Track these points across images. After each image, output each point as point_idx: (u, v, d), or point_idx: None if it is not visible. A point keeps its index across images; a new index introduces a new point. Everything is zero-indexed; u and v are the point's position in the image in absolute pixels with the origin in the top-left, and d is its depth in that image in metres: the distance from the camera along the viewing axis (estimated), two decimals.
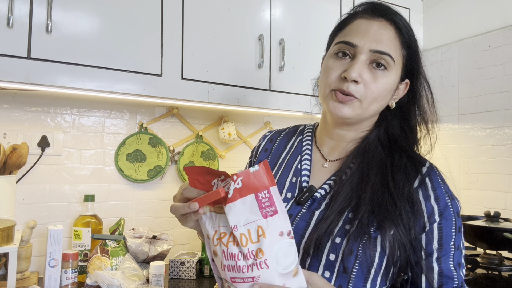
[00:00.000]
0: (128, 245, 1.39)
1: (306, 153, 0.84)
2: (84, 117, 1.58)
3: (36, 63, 1.16)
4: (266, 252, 0.58)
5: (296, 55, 1.64)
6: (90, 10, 1.24)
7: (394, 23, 0.76)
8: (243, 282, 0.59)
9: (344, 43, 0.76)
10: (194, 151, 1.78)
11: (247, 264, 0.58)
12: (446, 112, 1.98)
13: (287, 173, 0.83)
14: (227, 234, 0.60)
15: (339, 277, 0.70)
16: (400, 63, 0.77)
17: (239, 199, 0.59)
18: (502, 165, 1.74)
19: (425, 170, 0.75)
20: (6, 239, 1.14)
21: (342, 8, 1.77)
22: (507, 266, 1.42)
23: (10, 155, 1.34)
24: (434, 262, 0.71)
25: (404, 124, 0.81)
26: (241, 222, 0.59)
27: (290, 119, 2.03)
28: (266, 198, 0.59)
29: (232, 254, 0.59)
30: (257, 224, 0.59)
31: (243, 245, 0.58)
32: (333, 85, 0.75)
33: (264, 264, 0.58)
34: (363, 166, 0.75)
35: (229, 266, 0.59)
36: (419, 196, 0.72)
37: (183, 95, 1.40)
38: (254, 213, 0.59)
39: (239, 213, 0.59)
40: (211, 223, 0.63)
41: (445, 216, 0.71)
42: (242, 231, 0.59)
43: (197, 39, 1.42)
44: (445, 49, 2.00)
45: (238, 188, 0.59)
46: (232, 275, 0.60)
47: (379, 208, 0.70)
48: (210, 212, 0.63)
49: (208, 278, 1.51)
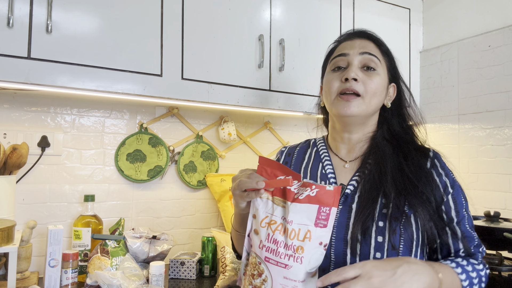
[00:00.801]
0: (128, 245, 1.39)
1: (326, 159, 0.97)
2: (84, 117, 1.58)
3: (36, 63, 1.16)
4: (306, 251, 0.70)
5: (296, 55, 1.64)
6: (90, 10, 1.24)
7: (371, 39, 0.94)
8: (275, 265, 0.71)
9: (337, 56, 0.93)
10: (194, 151, 1.78)
11: (286, 253, 0.70)
12: (446, 112, 1.99)
13: (314, 180, 0.95)
14: (277, 223, 0.73)
15: (389, 255, 0.81)
16: (384, 66, 0.93)
17: (307, 203, 0.72)
18: (502, 165, 1.74)
19: (432, 154, 0.90)
20: (6, 239, 1.15)
21: (342, 8, 1.77)
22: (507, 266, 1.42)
23: (10, 155, 1.34)
24: (456, 227, 0.85)
25: (402, 123, 0.96)
26: (297, 220, 0.71)
27: (290, 119, 2.03)
28: (325, 214, 0.72)
29: (276, 240, 0.72)
30: (308, 228, 0.71)
31: (290, 238, 0.71)
32: (337, 90, 0.90)
33: (300, 260, 0.70)
34: (380, 161, 0.88)
35: (269, 248, 0.72)
36: (433, 174, 0.87)
37: (183, 95, 1.40)
38: (310, 219, 0.71)
39: (299, 213, 0.71)
40: (264, 208, 0.75)
41: (456, 188, 0.87)
42: (294, 227, 0.71)
43: (197, 39, 1.42)
44: (445, 49, 2.00)
45: (311, 195, 0.72)
46: (268, 255, 0.72)
47: (404, 190, 0.83)
48: (267, 199, 0.76)
49: (208, 278, 1.51)
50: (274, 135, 2.00)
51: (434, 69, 2.04)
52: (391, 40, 1.93)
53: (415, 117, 0.99)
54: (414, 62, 2.08)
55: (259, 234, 0.74)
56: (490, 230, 1.39)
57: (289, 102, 1.62)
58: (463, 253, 0.86)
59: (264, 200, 0.76)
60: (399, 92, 0.97)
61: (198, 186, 1.79)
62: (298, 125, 2.07)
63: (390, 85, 0.95)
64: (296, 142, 1.09)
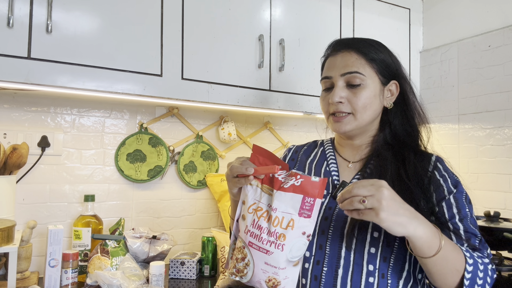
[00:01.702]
0: (128, 245, 1.39)
1: (331, 158, 1.01)
2: (84, 117, 1.58)
3: (36, 63, 1.16)
4: (288, 239, 0.73)
5: (296, 55, 1.64)
6: (90, 10, 1.24)
7: (354, 49, 0.93)
8: (258, 250, 0.74)
9: (323, 79, 0.97)
10: (194, 151, 1.78)
11: (268, 240, 0.73)
12: (446, 112, 1.99)
13: (318, 176, 0.98)
14: (263, 210, 0.76)
15: (383, 251, 0.83)
16: (372, 74, 0.92)
17: (291, 193, 0.74)
18: (502, 165, 1.74)
19: (434, 159, 0.92)
20: (6, 239, 1.15)
21: (342, 8, 1.77)
22: (507, 266, 1.42)
23: (10, 155, 1.34)
24: (458, 223, 0.85)
25: (405, 123, 0.96)
26: (281, 208, 0.74)
27: (290, 119, 2.03)
28: (309, 204, 0.74)
29: (260, 226, 0.74)
30: (292, 217, 0.74)
31: (273, 225, 0.73)
32: (328, 111, 0.95)
33: (281, 247, 0.72)
34: (380, 165, 0.91)
35: (253, 233, 0.75)
36: (436, 175, 0.89)
37: (183, 95, 1.40)
38: (294, 208, 0.74)
39: (284, 202, 0.74)
40: (253, 195, 0.79)
41: (458, 189, 0.88)
42: (278, 214, 0.74)
43: (197, 39, 1.42)
44: (445, 49, 2.00)
45: (296, 185, 0.75)
46: (251, 240, 0.75)
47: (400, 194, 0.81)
48: (257, 187, 0.79)
49: (208, 278, 1.52)
50: (274, 135, 2.00)
51: (434, 69, 2.04)
52: (391, 40, 1.95)
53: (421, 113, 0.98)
54: (414, 62, 2.08)
55: (245, 220, 0.77)
56: (490, 230, 1.39)
57: (289, 102, 1.62)
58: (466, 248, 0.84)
59: (254, 187, 0.79)
60: (402, 91, 0.96)
61: (198, 186, 1.79)
62: (298, 125, 2.07)
63: (389, 85, 0.95)
64: (297, 142, 1.12)
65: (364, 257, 0.83)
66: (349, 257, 0.84)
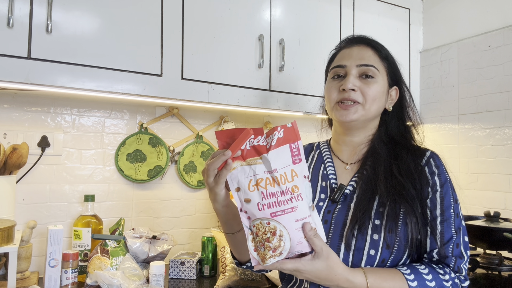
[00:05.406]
0: (128, 245, 1.39)
1: (328, 161, 1.01)
2: (84, 117, 1.58)
3: (36, 63, 1.16)
4: (300, 188, 0.74)
5: (296, 55, 1.64)
6: (90, 10, 1.24)
7: (370, 45, 0.97)
8: (283, 214, 0.72)
9: (336, 67, 0.96)
10: (194, 151, 1.78)
11: (286, 199, 0.73)
12: (446, 112, 1.99)
13: (315, 180, 0.99)
14: (264, 179, 0.74)
15: (383, 253, 0.83)
16: (384, 72, 0.96)
17: (280, 147, 0.75)
18: (502, 165, 1.74)
19: (429, 154, 0.93)
20: (6, 239, 1.15)
21: (342, 8, 1.77)
22: (507, 266, 1.42)
23: (10, 155, 1.34)
24: (438, 225, 0.86)
25: (400, 125, 0.99)
26: (280, 166, 0.74)
27: (290, 119, 2.03)
28: (296, 149, 0.76)
29: (272, 193, 0.73)
30: (291, 168, 0.75)
31: (282, 183, 0.73)
32: (336, 99, 0.94)
33: (300, 197, 0.73)
34: (375, 164, 0.92)
35: (269, 203, 0.73)
36: (425, 171, 0.90)
37: (183, 95, 1.40)
38: (288, 159, 0.75)
39: (279, 158, 0.74)
40: (243, 175, 0.75)
41: (445, 188, 0.88)
42: (280, 172, 0.74)
43: (197, 39, 1.42)
44: (445, 49, 2.00)
45: (280, 137, 0.75)
46: (272, 211, 0.73)
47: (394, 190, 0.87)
48: (241, 166, 0.75)
49: (208, 278, 1.52)
50: None
51: (434, 69, 2.04)
52: (391, 40, 1.95)
53: (413, 118, 1.02)
54: (414, 62, 2.08)
55: (252, 200, 0.74)
56: (490, 230, 1.39)
57: (289, 102, 1.62)
58: (436, 254, 0.85)
59: (239, 168, 0.75)
60: (401, 95, 1.00)
61: (198, 186, 1.79)
62: (298, 125, 2.06)
63: (391, 89, 0.98)
64: None
65: (363, 258, 0.83)
66: (347, 258, 0.84)
